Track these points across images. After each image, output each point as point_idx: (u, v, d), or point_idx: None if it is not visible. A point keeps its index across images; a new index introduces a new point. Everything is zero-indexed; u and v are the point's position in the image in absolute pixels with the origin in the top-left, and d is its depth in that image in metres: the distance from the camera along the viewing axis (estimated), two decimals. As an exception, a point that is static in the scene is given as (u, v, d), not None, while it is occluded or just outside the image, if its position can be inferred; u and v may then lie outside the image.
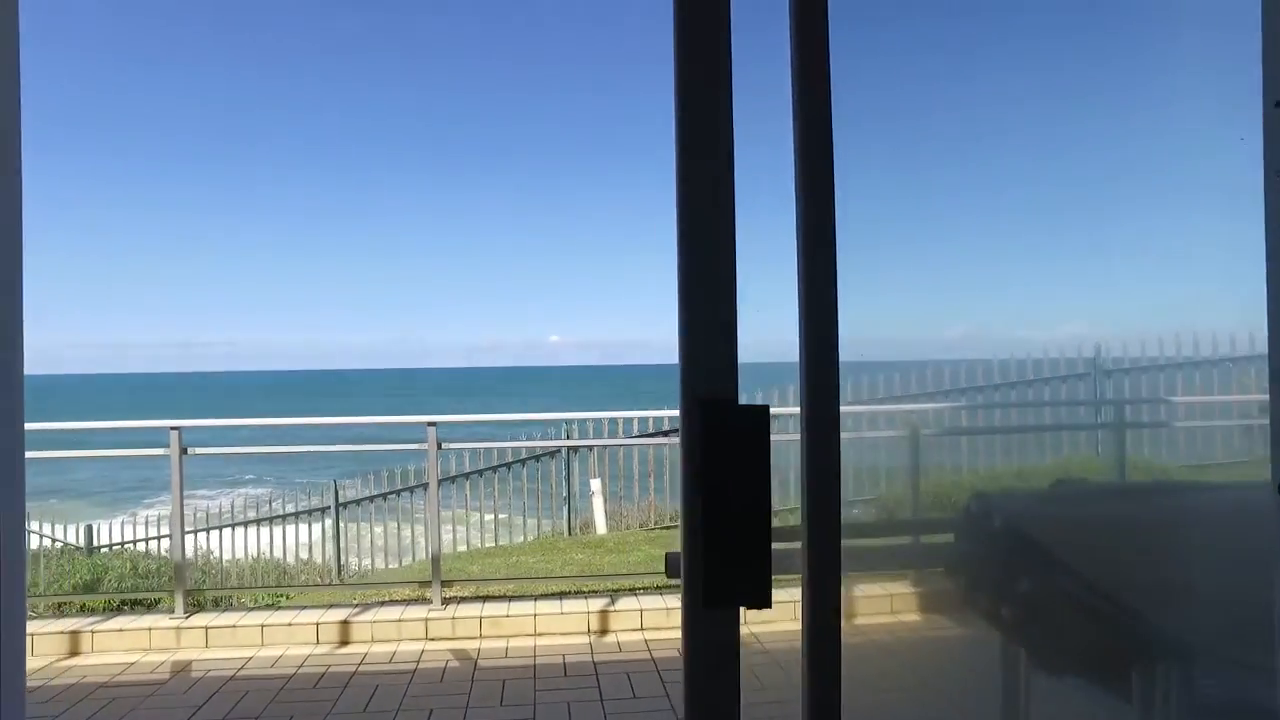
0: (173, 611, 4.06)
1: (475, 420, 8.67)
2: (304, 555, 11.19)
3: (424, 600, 4.27)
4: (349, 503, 11.46)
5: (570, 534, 10.36)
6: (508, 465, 10.89)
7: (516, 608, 4.14)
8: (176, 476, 4.01)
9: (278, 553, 9.37)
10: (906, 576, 1.25)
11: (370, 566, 10.00)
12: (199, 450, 4.18)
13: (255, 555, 7.81)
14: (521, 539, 11.10)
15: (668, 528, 9.98)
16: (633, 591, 4.38)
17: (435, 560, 4.13)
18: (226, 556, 8.04)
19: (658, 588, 4.52)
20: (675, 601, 4.08)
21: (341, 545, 11.78)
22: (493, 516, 11.07)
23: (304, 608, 4.39)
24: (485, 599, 4.42)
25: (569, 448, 10.44)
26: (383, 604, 4.26)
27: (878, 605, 1.18)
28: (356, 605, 4.25)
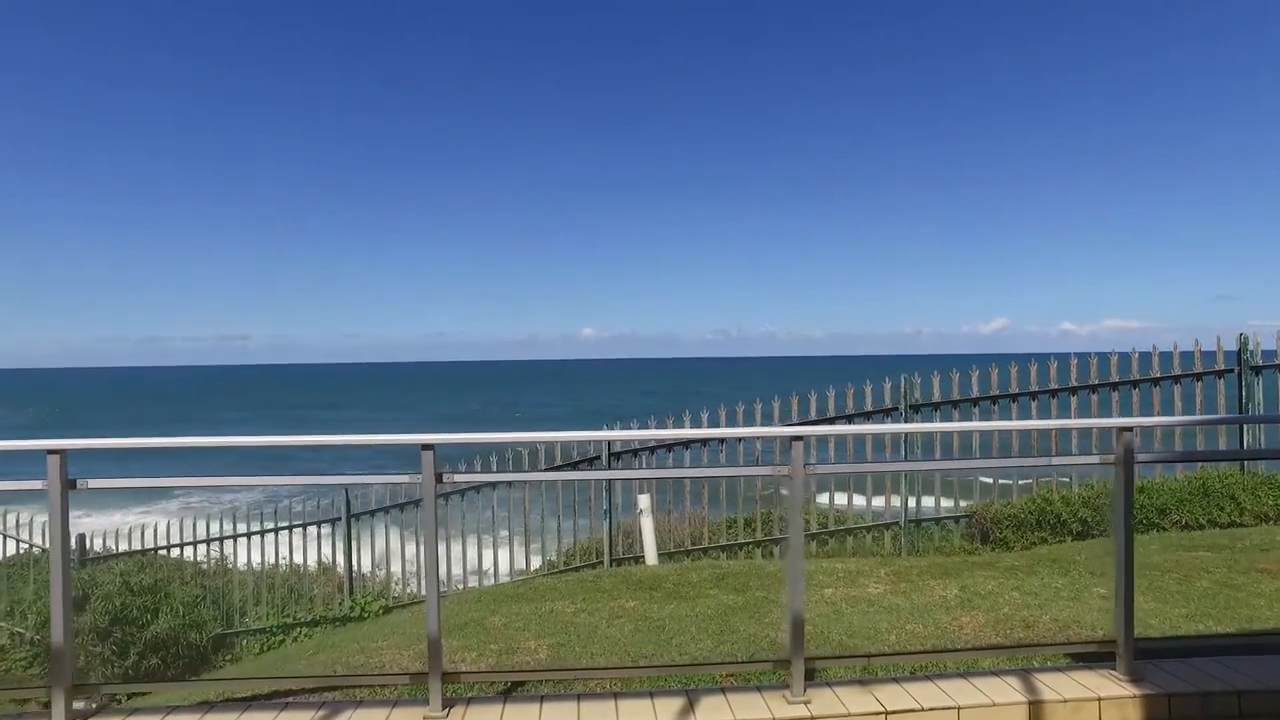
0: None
1: (486, 440, 7.15)
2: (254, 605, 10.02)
3: (418, 701, 2.91)
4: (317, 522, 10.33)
5: (612, 559, 9.06)
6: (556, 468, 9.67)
7: (554, 712, 2.78)
8: (57, 521, 2.71)
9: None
10: None
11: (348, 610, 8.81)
12: (95, 484, 2.87)
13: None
14: (554, 558, 9.85)
15: (724, 547, 8.65)
16: (720, 689, 2.99)
17: (433, 645, 2.77)
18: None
19: (749, 678, 3.15)
20: (782, 704, 2.70)
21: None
22: (520, 531, 9.86)
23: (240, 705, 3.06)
24: (508, 694, 3.08)
25: (608, 458, 9.17)
26: (356, 707, 2.90)
27: None
28: (315, 708, 2.89)
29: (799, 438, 2.74)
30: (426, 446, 2.72)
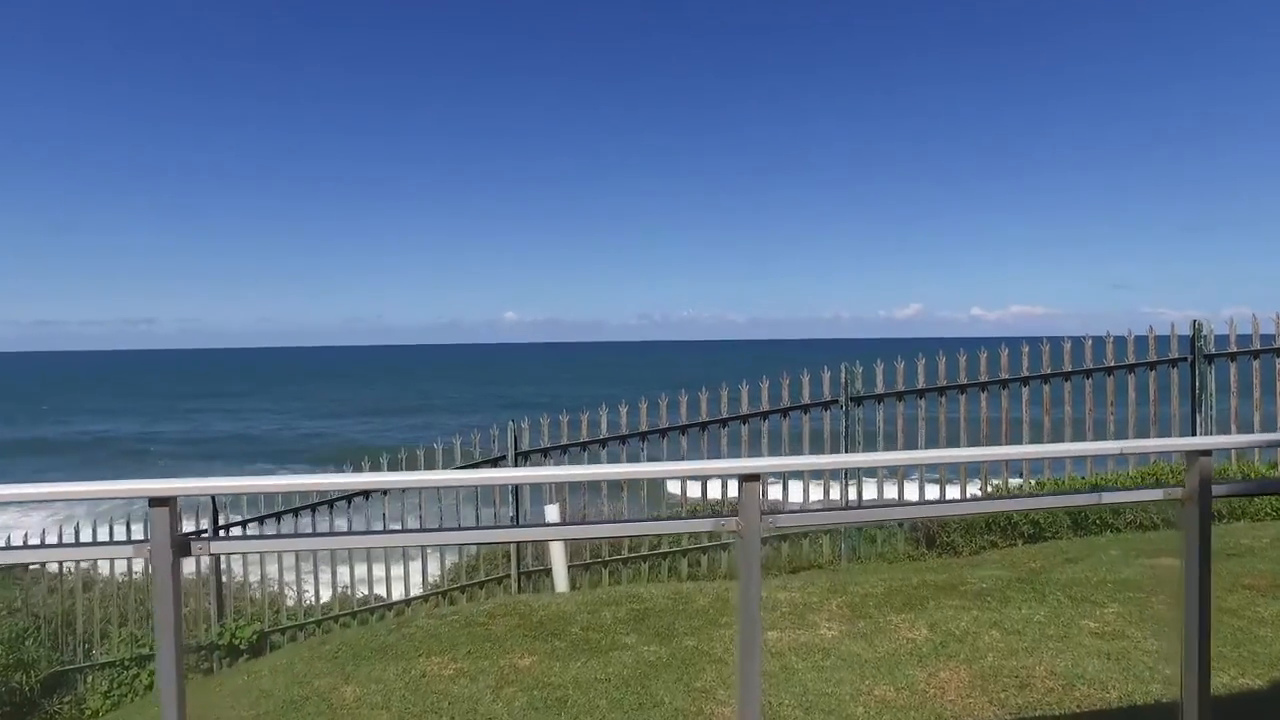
0: None
1: (236, 489, 5.92)
2: None
3: None
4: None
5: (520, 571, 8.04)
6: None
7: None
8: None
9: None
10: None
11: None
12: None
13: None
14: (437, 578, 8.75)
15: (647, 557, 7.68)
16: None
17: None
18: None
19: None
20: None
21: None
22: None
23: None
24: None
25: (515, 457, 8.11)
26: None
27: None
28: None
29: (753, 476, 1.80)
30: (159, 500, 1.66)
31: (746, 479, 1.82)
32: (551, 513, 6.49)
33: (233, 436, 47.92)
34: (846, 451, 7.37)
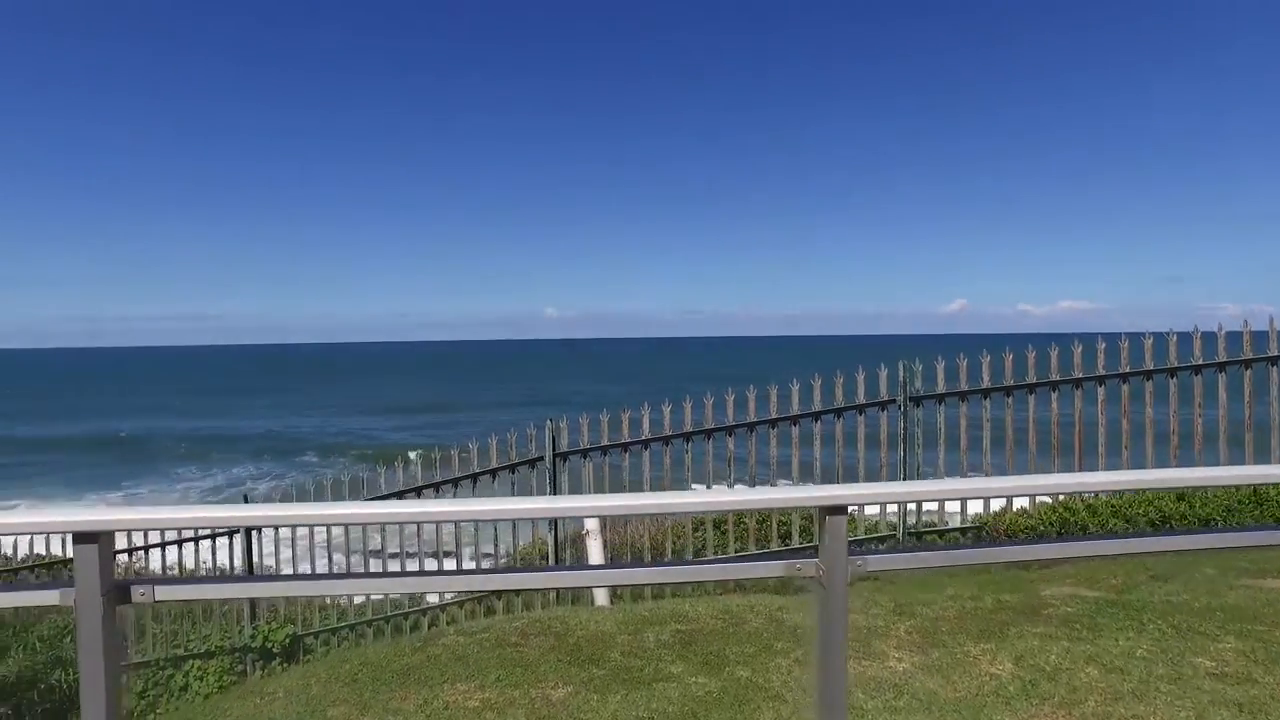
0: None
1: (170, 521, 5.59)
2: None
3: None
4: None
5: (556, 590, 7.71)
6: (472, 477, 8.26)
7: None
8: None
9: None
10: None
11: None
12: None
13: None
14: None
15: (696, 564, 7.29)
16: None
17: None
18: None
19: None
20: None
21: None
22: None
23: None
24: None
25: (554, 458, 7.78)
26: None
27: None
28: None
29: (837, 509, 1.40)
30: (85, 536, 1.32)
31: (829, 511, 1.42)
32: (591, 521, 6.14)
33: (267, 434, 48.42)
34: (905, 452, 6.89)
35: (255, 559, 8.36)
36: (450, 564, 8.46)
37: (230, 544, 8.45)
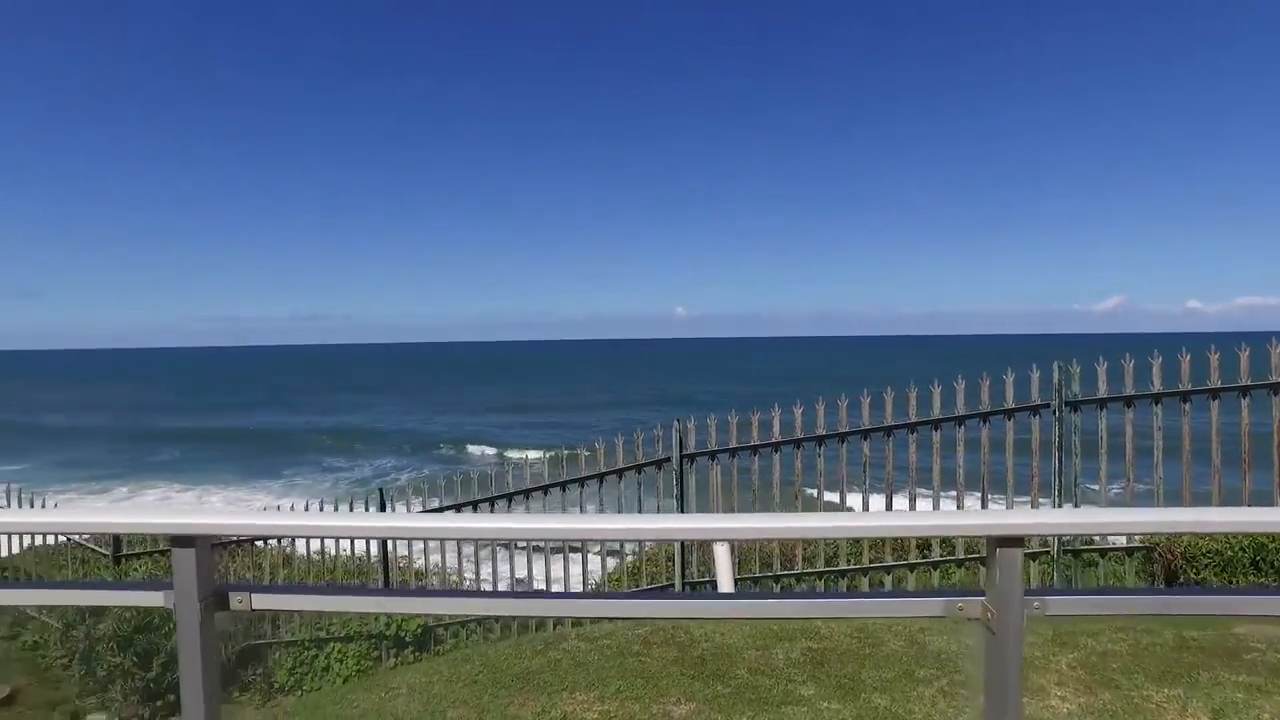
0: None
1: (272, 530, 5.67)
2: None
3: None
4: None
5: (684, 582, 7.55)
6: (599, 477, 8.23)
7: None
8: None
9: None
10: None
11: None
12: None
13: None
14: (597, 580, 8.41)
15: (815, 574, 6.91)
16: None
17: None
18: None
19: None
20: None
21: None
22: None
23: None
24: None
25: (680, 459, 7.63)
26: None
27: None
28: None
29: (1012, 540, 1.14)
30: (184, 540, 1.27)
31: (1002, 543, 1.17)
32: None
33: (404, 429, 50.85)
34: (1059, 462, 6.27)
35: (390, 549, 8.69)
36: (576, 561, 8.47)
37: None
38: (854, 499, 7.13)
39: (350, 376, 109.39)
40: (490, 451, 38.83)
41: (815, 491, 6.99)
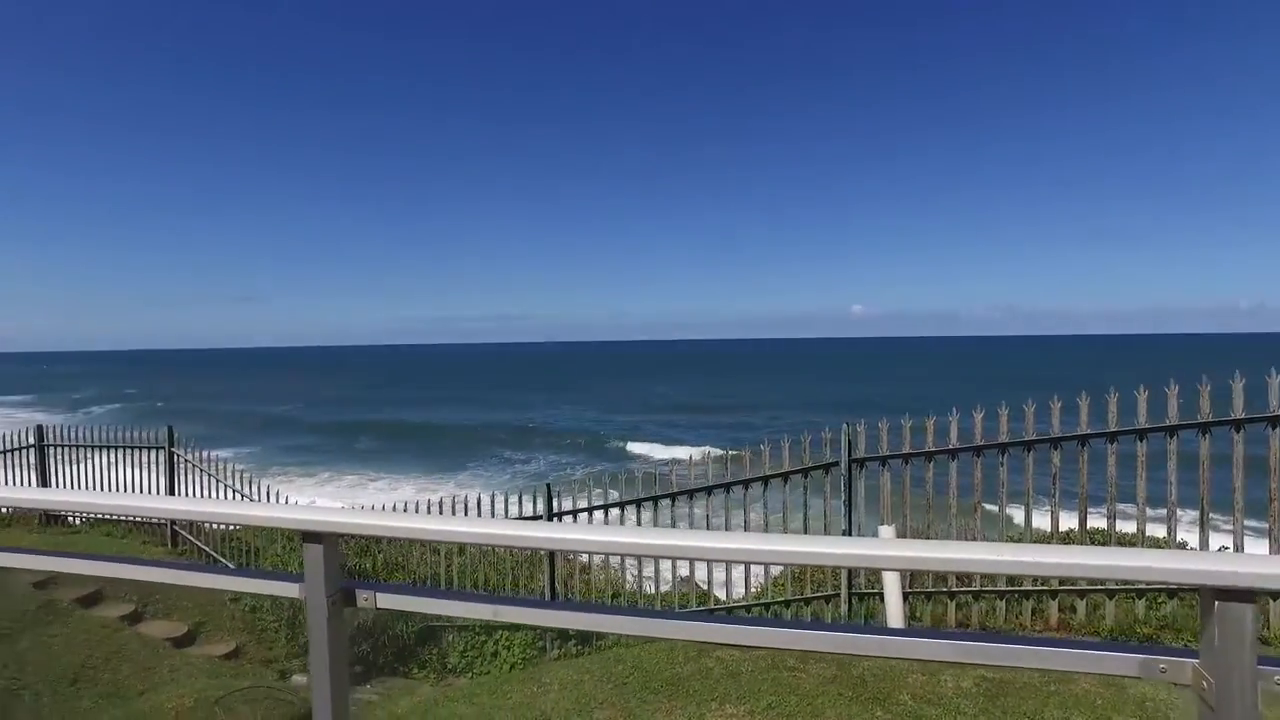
0: None
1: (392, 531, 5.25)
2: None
3: None
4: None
5: (851, 592, 7.20)
6: (764, 480, 8.03)
7: None
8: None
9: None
10: None
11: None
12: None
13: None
14: (760, 585, 8.17)
15: (995, 593, 6.26)
16: None
17: None
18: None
19: None
20: None
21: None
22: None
23: None
24: None
25: (849, 464, 7.27)
26: None
27: None
28: None
29: (1238, 593, 0.90)
30: (313, 536, 1.28)
31: (1224, 595, 0.92)
32: (886, 533, 5.59)
33: (576, 426, 52.45)
34: (1307, 487, 5.35)
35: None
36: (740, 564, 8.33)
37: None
38: (1040, 518, 6.49)
39: (531, 374, 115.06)
40: (659, 450, 39.38)
41: (996, 507, 6.43)
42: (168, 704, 6.26)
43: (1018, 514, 6.53)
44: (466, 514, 9.62)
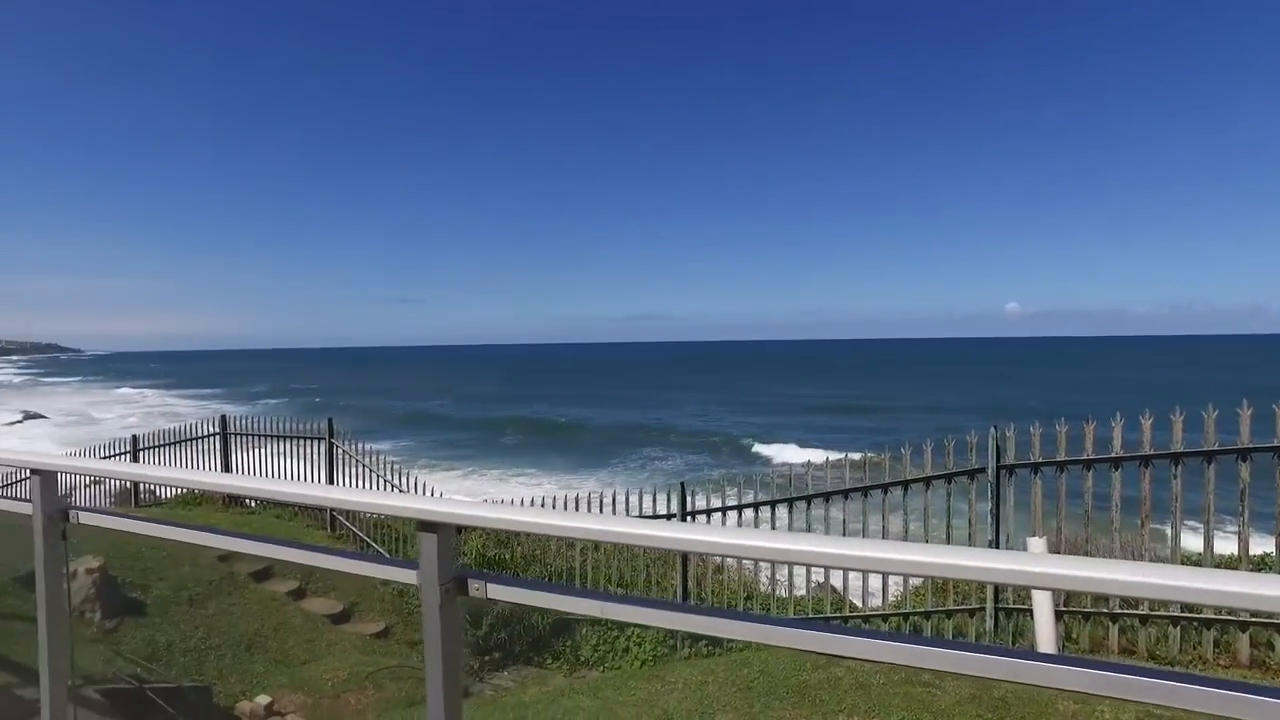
0: None
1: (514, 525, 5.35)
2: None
3: None
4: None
5: (998, 606, 6.75)
6: (904, 485, 7.67)
7: None
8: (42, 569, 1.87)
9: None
10: None
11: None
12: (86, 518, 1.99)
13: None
14: (898, 596, 7.76)
15: (1168, 619, 5.58)
16: None
17: None
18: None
19: None
20: None
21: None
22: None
23: None
24: None
25: (997, 470, 6.80)
26: None
27: None
28: None
29: None
30: (428, 526, 1.31)
31: None
32: (1036, 546, 5.20)
33: (712, 426, 52.24)
34: None
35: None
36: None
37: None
38: (1225, 543, 5.83)
39: (671, 373, 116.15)
40: (795, 452, 38.68)
41: (1168, 527, 5.84)
42: (325, 674, 6.76)
43: (1191, 536, 5.91)
44: (600, 510, 9.77)
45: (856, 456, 8.03)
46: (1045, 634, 4.59)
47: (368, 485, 11.01)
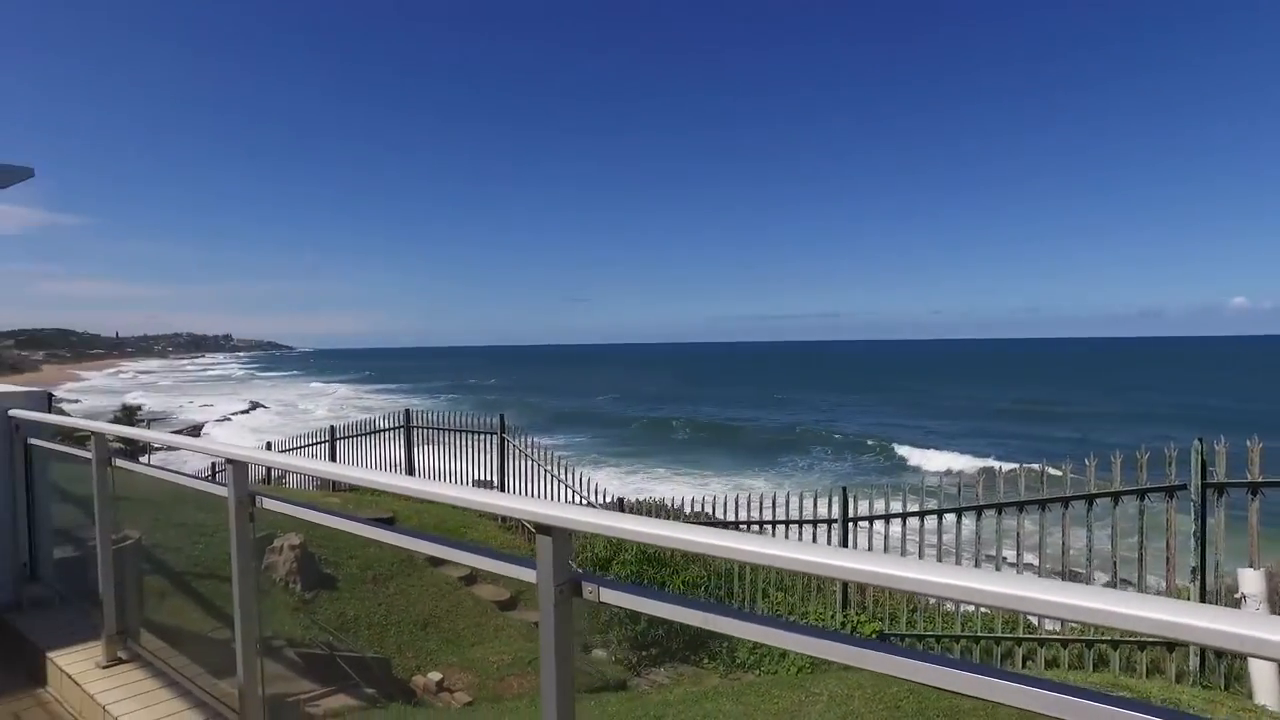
0: None
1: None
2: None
3: None
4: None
5: (1199, 665, 5.98)
6: (1088, 499, 6.98)
7: None
8: (234, 549, 2.12)
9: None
10: None
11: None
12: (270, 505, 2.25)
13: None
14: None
15: None
16: None
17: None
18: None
19: None
20: None
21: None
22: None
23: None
24: None
25: (1202, 487, 6.05)
26: None
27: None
28: None
29: None
30: (544, 529, 1.36)
31: None
32: (1250, 581, 4.60)
33: (874, 429, 50.14)
34: None
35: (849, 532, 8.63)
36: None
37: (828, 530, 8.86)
38: None
39: (845, 373, 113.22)
40: (968, 459, 36.44)
41: None
42: (491, 657, 7.15)
43: None
44: (761, 511, 9.65)
45: (1035, 466, 7.47)
46: (1266, 684, 3.84)
47: (536, 479, 11.51)
